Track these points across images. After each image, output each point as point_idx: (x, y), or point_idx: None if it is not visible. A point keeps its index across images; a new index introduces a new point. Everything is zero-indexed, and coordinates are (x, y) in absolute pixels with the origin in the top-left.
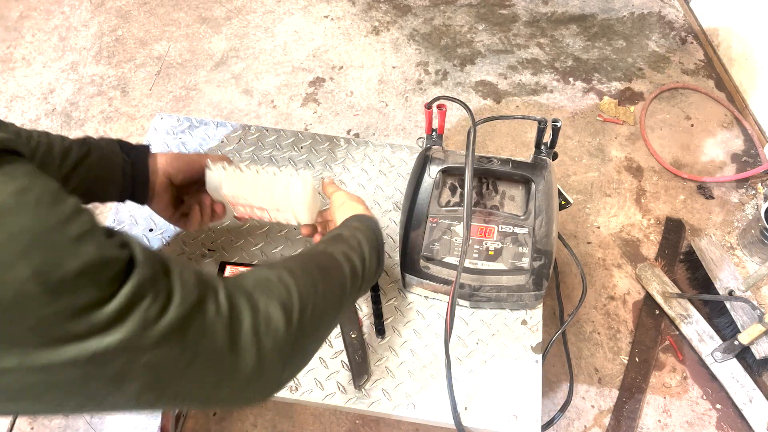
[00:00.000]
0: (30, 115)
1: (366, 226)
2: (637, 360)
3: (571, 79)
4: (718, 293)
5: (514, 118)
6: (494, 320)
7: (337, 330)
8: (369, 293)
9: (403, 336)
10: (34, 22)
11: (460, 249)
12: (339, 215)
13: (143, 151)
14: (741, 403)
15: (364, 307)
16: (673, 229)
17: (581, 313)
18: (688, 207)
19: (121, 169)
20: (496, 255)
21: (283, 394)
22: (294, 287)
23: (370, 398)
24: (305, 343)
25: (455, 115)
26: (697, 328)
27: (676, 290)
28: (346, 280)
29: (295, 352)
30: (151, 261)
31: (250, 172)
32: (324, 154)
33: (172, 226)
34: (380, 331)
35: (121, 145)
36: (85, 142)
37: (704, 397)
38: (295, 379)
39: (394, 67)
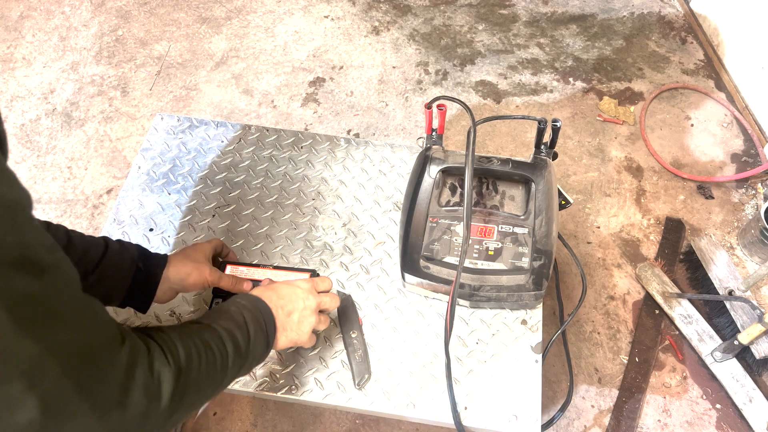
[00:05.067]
0: (30, 115)
1: (254, 306)
2: (636, 360)
3: (570, 79)
4: (717, 293)
5: (514, 118)
6: (494, 320)
7: (337, 330)
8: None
9: (403, 336)
10: (35, 22)
11: (460, 249)
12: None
13: (160, 264)
14: (741, 402)
15: (364, 306)
16: (673, 229)
17: (581, 312)
18: (687, 207)
19: (131, 281)
20: (496, 255)
21: (284, 393)
22: (183, 355)
23: (370, 398)
24: (181, 414)
25: (455, 115)
26: (696, 328)
27: (676, 290)
28: (228, 359)
29: (171, 419)
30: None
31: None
32: (324, 154)
33: (172, 226)
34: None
35: (139, 253)
36: (104, 243)
37: (704, 396)
38: (295, 378)
39: (394, 67)
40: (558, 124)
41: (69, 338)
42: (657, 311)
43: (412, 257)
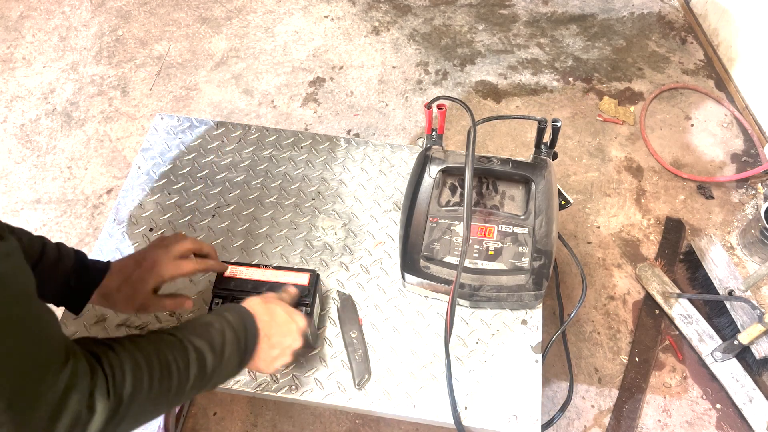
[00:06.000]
0: (30, 115)
1: (241, 325)
2: (636, 360)
3: (571, 79)
4: (718, 293)
5: (514, 118)
6: (494, 320)
7: (337, 329)
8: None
9: (403, 336)
10: (35, 22)
11: (460, 249)
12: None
13: (97, 273)
14: (741, 402)
15: (364, 306)
16: (673, 229)
17: (581, 312)
18: (687, 207)
19: (64, 284)
20: (496, 255)
21: (284, 393)
22: (129, 386)
23: (370, 398)
24: None
25: (455, 115)
26: (697, 328)
27: (676, 290)
28: (188, 382)
29: None
30: None
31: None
32: (324, 154)
33: (172, 226)
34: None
35: (74, 268)
36: (39, 251)
37: (704, 396)
38: (295, 378)
39: (394, 67)
40: (558, 124)
41: (7, 356)
42: (657, 311)
43: (412, 257)
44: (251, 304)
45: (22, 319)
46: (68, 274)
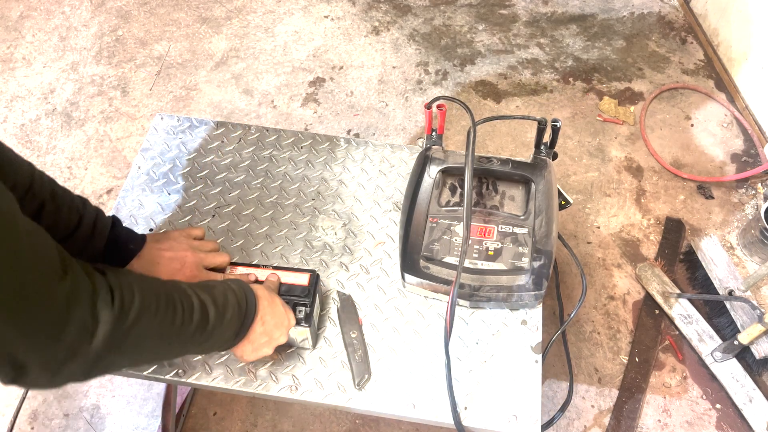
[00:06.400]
0: (30, 115)
1: (242, 294)
2: (636, 360)
3: (570, 79)
4: (717, 293)
5: (514, 118)
6: (494, 320)
7: (337, 329)
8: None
9: (403, 336)
10: (35, 22)
11: (460, 249)
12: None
13: (128, 253)
14: (741, 402)
15: (364, 306)
16: (673, 229)
17: (581, 313)
18: (687, 207)
19: (92, 259)
20: (496, 255)
21: (284, 393)
22: (137, 302)
23: (370, 398)
24: (114, 360)
25: (455, 115)
26: (696, 328)
27: (676, 290)
28: (190, 326)
29: (103, 362)
30: None
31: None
32: (324, 154)
33: (172, 227)
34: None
35: (108, 247)
36: (75, 222)
37: (704, 396)
38: (295, 378)
39: (394, 67)
40: (558, 124)
41: (1, 272)
42: (657, 311)
43: (412, 257)
44: (255, 286)
45: (7, 239)
46: (98, 252)
